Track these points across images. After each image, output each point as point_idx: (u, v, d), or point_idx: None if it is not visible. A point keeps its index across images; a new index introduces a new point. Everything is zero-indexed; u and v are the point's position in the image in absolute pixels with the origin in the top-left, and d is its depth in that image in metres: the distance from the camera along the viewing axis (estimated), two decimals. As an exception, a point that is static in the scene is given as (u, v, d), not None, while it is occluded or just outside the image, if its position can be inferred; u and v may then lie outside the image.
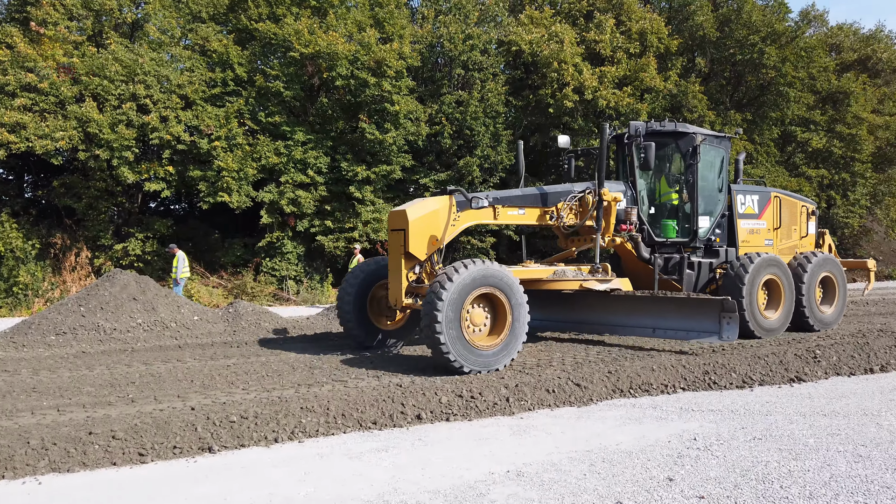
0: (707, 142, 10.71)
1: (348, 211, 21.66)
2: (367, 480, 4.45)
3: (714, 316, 8.74)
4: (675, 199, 10.94)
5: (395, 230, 8.48)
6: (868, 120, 26.50)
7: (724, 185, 11.07)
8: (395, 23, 22.35)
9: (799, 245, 12.03)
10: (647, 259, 10.31)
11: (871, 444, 5.15)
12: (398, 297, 8.53)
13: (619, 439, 5.36)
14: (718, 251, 10.97)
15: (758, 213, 11.42)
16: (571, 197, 9.71)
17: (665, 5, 27.48)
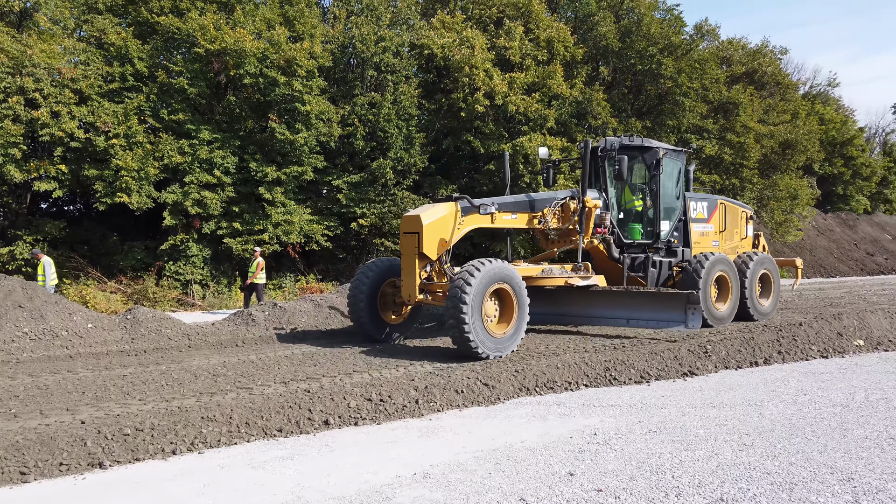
0: (668, 155, 12.14)
1: (258, 213, 21.07)
2: (270, 490, 4.35)
3: (681, 307, 10.04)
4: (639, 205, 12.24)
5: (409, 233, 9.48)
6: (755, 129, 28.41)
7: (681, 193, 12.52)
8: (306, 22, 21.98)
9: (739, 246, 13.65)
10: (617, 258, 11.60)
11: (755, 432, 5.52)
12: (412, 293, 9.52)
13: (524, 437, 5.50)
14: (676, 251, 12.35)
15: (707, 218, 12.99)
16: (555, 203, 10.90)
17: (571, 15, 28.40)
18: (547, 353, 9.05)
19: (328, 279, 22.92)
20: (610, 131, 25.50)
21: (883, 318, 10.87)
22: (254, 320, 12.14)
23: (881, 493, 4.10)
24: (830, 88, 44.70)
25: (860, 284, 25.23)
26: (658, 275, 12.01)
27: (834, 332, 9.91)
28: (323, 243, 21.91)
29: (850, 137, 41.43)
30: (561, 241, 11.40)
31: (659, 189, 11.95)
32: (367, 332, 10.44)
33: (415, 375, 7.50)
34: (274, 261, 22.45)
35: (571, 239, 11.14)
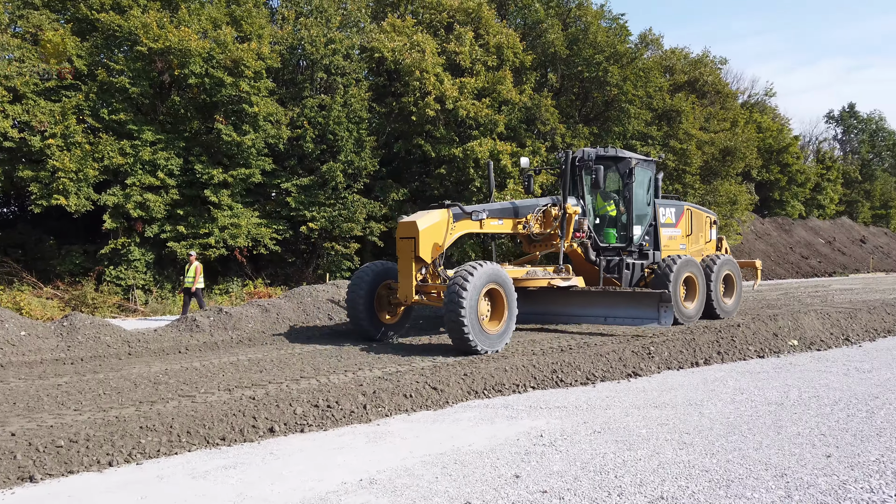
0: (640, 164, 12.90)
1: (203, 216, 20.60)
2: (211, 500, 4.25)
3: (654, 306, 10.82)
4: (612, 211, 12.99)
5: (405, 238, 10.03)
6: (696, 136, 29.30)
7: (651, 200, 13.28)
8: (254, 22, 21.64)
9: (704, 249, 14.53)
10: (594, 261, 12.39)
11: (694, 431, 5.68)
12: (409, 294, 10.13)
13: (472, 440, 5.52)
14: (648, 254, 13.16)
15: (675, 223, 13.83)
16: (537, 210, 11.62)
17: (520, 22, 28.76)
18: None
19: (277, 283, 22.56)
20: (558, 137, 25.90)
21: (815, 319, 11.35)
22: (198, 326, 11.85)
23: (812, 488, 4.27)
24: (767, 98, 46.49)
25: (795, 287, 26.28)
26: (631, 276, 12.77)
27: (770, 332, 10.29)
28: (271, 247, 21.56)
29: (786, 145, 43.13)
30: (543, 244, 12.12)
31: (631, 196, 12.74)
32: (364, 332, 11.00)
33: (363, 380, 7.45)
34: (221, 265, 21.97)
35: (553, 243, 11.87)
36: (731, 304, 13.96)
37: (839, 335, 10.91)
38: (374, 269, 11.15)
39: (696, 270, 12.88)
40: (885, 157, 58.21)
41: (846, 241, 46.94)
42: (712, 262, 13.59)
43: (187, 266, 16.11)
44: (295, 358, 9.46)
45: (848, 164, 53.66)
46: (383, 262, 11.44)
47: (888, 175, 56.51)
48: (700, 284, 12.94)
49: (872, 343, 10.71)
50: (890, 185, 55.64)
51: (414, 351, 10.03)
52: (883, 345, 10.50)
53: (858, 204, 52.99)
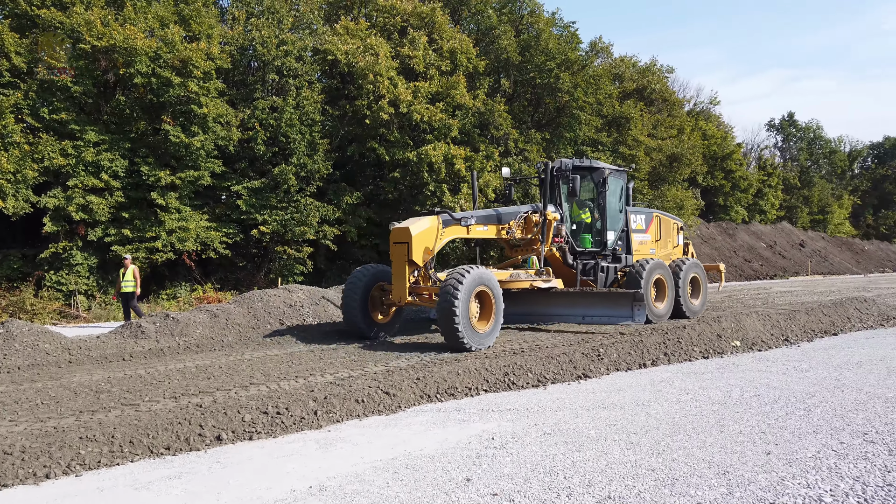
0: (612, 174, 13.70)
1: (150, 219, 20.06)
2: (155, 511, 4.14)
3: (628, 305, 11.67)
4: (587, 218, 13.84)
5: (399, 243, 10.59)
6: (645, 143, 30.09)
7: (623, 207, 14.08)
8: (203, 21, 21.22)
9: (672, 253, 15.37)
10: (571, 265, 13.26)
11: (641, 431, 5.80)
12: (402, 295, 10.73)
13: (424, 444, 5.51)
14: (620, 258, 13.97)
15: (645, 229, 14.67)
16: (519, 216, 12.33)
17: (473, 27, 28.99)
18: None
19: (227, 288, 22.12)
20: (511, 142, 26.17)
21: (757, 320, 11.74)
22: (143, 333, 11.52)
23: (752, 485, 4.41)
24: (712, 106, 48.02)
25: (739, 289, 27.14)
26: (606, 278, 13.55)
27: (714, 334, 10.59)
28: (221, 251, 21.14)
29: (730, 152, 44.61)
30: (524, 249, 12.84)
31: (605, 204, 13.55)
32: (359, 331, 11.50)
33: (314, 386, 7.36)
34: (168, 269, 21.42)
35: (533, 248, 12.60)
36: (697, 304, 14.65)
37: (779, 336, 11.31)
38: (369, 271, 11.65)
39: (666, 273, 13.58)
40: (822, 164, 60.76)
41: (786, 245, 48.74)
42: (680, 265, 14.25)
43: (122, 270, 15.51)
44: (244, 364, 9.29)
45: (788, 171, 55.80)
46: (376, 265, 11.98)
47: (825, 182, 58.99)
48: (669, 286, 13.63)
49: (810, 343, 11.13)
50: (827, 192, 58.08)
51: (369, 356, 9.98)
52: (820, 345, 10.93)
53: (797, 209, 55.13)
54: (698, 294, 14.79)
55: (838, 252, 52.83)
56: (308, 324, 13.02)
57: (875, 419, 5.95)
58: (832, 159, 61.33)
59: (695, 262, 14.74)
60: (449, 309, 9.73)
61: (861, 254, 55.31)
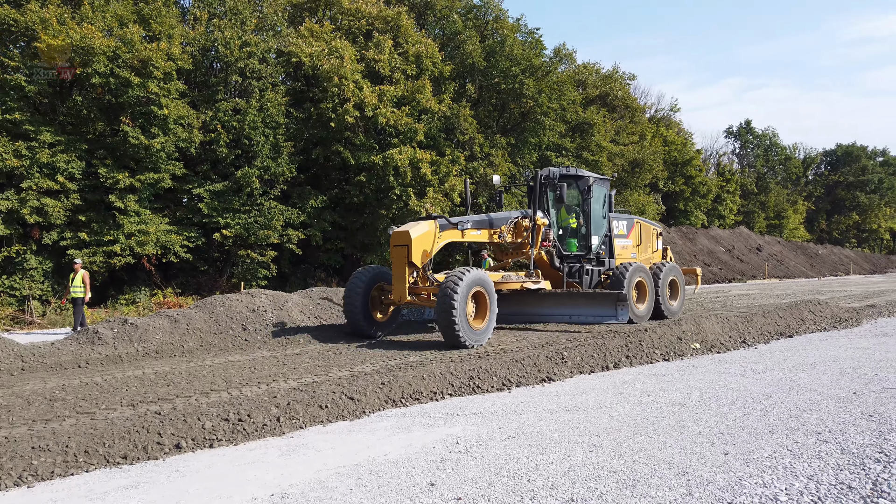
0: (596, 182, 14.36)
1: (108, 222, 19.59)
2: (111, 522, 4.03)
3: (612, 305, 12.33)
4: (573, 223, 14.45)
5: (399, 246, 11.14)
6: (608, 148, 30.56)
7: (606, 214, 14.75)
8: (163, 21, 20.84)
9: (652, 257, 15.99)
10: (558, 267, 13.85)
11: (604, 433, 5.87)
12: (402, 295, 11.25)
13: (388, 450, 5.48)
14: (604, 261, 14.57)
15: (626, 234, 15.28)
16: (510, 221, 12.93)
17: (439, 32, 29.08)
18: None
19: (188, 293, 21.72)
20: (477, 147, 26.29)
21: (716, 323, 11.99)
22: (100, 339, 11.22)
23: (711, 485, 4.49)
24: (672, 113, 49.01)
25: (699, 293, 27.69)
26: (590, 281, 14.20)
27: (675, 336, 10.78)
28: (182, 255, 20.76)
29: (689, 158, 45.56)
30: (514, 252, 13.45)
31: (590, 210, 14.22)
32: (360, 329, 12.05)
33: (277, 392, 7.27)
34: (127, 274, 20.94)
35: (523, 251, 13.22)
36: (676, 305, 15.32)
37: (737, 338, 11.57)
38: (369, 272, 12.25)
39: (646, 276, 14.25)
40: (777, 170, 62.50)
41: (744, 250, 49.93)
42: (659, 268, 14.95)
43: (72, 275, 15.06)
44: (205, 370, 9.12)
45: (745, 177, 57.22)
46: (376, 266, 12.66)
47: (780, 187, 60.67)
48: (649, 288, 14.30)
49: (767, 345, 11.41)
50: (782, 197, 59.74)
51: (333, 360, 9.89)
52: (776, 347, 11.21)
53: (755, 214, 56.57)
54: (676, 296, 15.47)
55: (793, 256, 54.33)
56: (272, 329, 12.85)
57: (828, 419, 6.12)
58: (787, 166, 63.13)
59: (673, 266, 15.46)
60: (448, 308, 10.32)
61: (815, 258, 56.98)
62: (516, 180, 27.64)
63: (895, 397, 6.92)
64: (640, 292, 14.17)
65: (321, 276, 25.00)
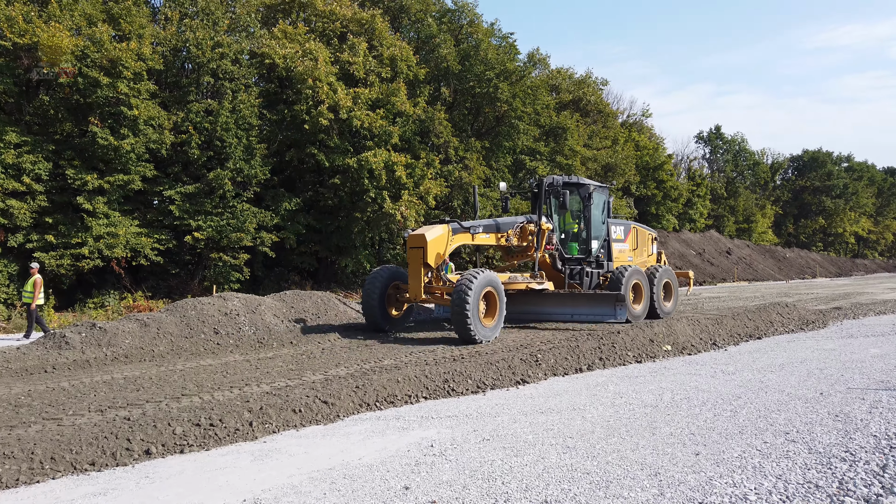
0: (596, 190, 15.10)
1: (75, 224, 19.19)
2: (78, 531, 3.94)
3: (611, 305, 13.01)
4: (575, 228, 15.32)
5: (415, 248, 11.97)
6: (581, 153, 30.84)
7: (605, 219, 15.47)
8: (133, 21, 20.50)
9: (647, 261, 16.70)
10: (560, 269, 14.63)
11: (577, 435, 5.92)
12: (418, 293, 12.09)
13: (362, 453, 5.46)
14: (603, 264, 15.22)
15: (624, 239, 16.02)
16: (516, 226, 13.67)
17: (413, 35, 29.08)
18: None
19: (159, 296, 21.37)
20: (452, 150, 26.34)
21: (687, 325, 12.16)
22: (67, 343, 10.98)
23: (682, 485, 4.55)
24: (644, 118, 49.64)
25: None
26: (590, 282, 14.90)
27: (647, 338, 10.91)
28: (153, 258, 20.42)
29: (661, 163, 46.15)
30: (519, 255, 14.19)
31: (590, 216, 14.93)
32: (377, 324, 12.86)
33: (250, 396, 7.19)
34: (96, 277, 20.54)
35: (528, 254, 13.97)
36: (670, 306, 16.00)
37: (708, 340, 11.75)
38: (385, 272, 13.09)
39: (642, 278, 14.86)
40: (746, 175, 63.64)
41: (714, 253, 50.70)
42: (654, 271, 15.61)
43: (27, 279, 14.64)
44: (176, 375, 8.99)
45: (715, 182, 58.15)
46: (392, 266, 13.51)
47: (749, 192, 61.78)
48: (645, 290, 14.88)
49: (736, 347, 11.61)
50: (751, 202, 60.83)
51: (307, 364, 9.81)
52: (745, 348, 11.41)
53: (724, 218, 57.50)
54: (670, 297, 16.13)
55: (762, 259, 55.31)
56: (244, 333, 12.71)
57: (796, 419, 6.25)
58: (756, 171, 64.31)
59: (667, 269, 16.14)
60: (462, 306, 11.13)
61: (783, 261, 58.08)
62: (491, 183, 27.77)
63: (860, 397, 7.09)
64: (636, 294, 14.75)
65: (295, 279, 24.78)
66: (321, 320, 14.23)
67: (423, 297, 12.23)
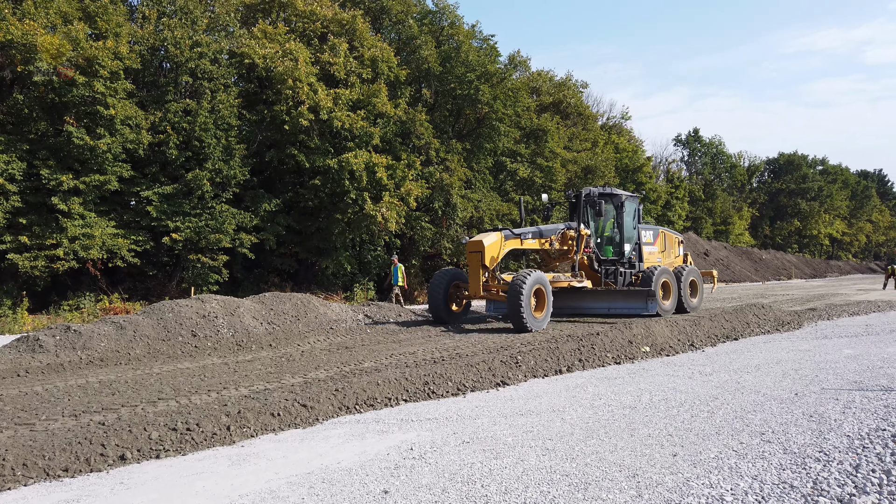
0: (628, 199, 16.81)
1: (50, 225, 18.89)
2: (51, 539, 3.87)
3: (643, 299, 15.02)
4: (609, 233, 16.98)
5: (474, 252, 13.86)
6: (561, 155, 30.99)
7: (636, 225, 17.12)
8: (110, 19, 20.23)
9: (674, 262, 18.22)
10: (597, 270, 16.46)
11: (557, 437, 5.93)
12: (477, 291, 14.07)
13: (341, 457, 5.43)
14: (635, 265, 16.90)
15: (653, 242, 17.64)
16: (558, 232, 15.41)
17: (394, 36, 29.03)
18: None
19: (135, 298, 21.11)
20: (433, 151, 26.35)
21: (665, 326, 12.27)
22: (41, 346, 10.80)
23: (660, 486, 4.59)
24: (623, 121, 50.00)
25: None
26: (623, 281, 16.61)
27: (626, 340, 10.99)
28: (129, 259, 20.17)
29: (640, 165, 46.56)
30: (560, 258, 15.96)
31: (623, 222, 16.64)
32: (440, 317, 14.80)
33: (228, 400, 7.12)
34: (71, 279, 20.23)
35: (568, 256, 15.79)
36: (696, 301, 17.42)
37: (685, 341, 11.87)
38: (447, 274, 15.13)
39: (670, 277, 16.30)
40: (723, 178, 64.42)
41: (693, 255, 51.24)
42: (681, 271, 17.02)
43: None
44: (153, 378, 8.87)
45: (693, 184, 58.79)
46: (453, 268, 15.56)
47: (727, 194, 62.55)
48: (673, 287, 16.29)
49: (714, 348, 11.74)
50: (728, 204, 61.60)
51: (286, 367, 9.73)
52: (722, 349, 11.54)
53: (702, 220, 58.15)
54: (696, 294, 17.54)
55: (739, 261, 56.02)
56: (223, 335, 12.59)
57: (771, 420, 6.33)
58: (733, 173, 65.14)
59: (693, 269, 17.57)
60: (517, 300, 12.90)
61: (759, 262, 58.89)
62: (472, 185, 27.82)
63: (834, 398, 7.20)
64: (665, 291, 16.09)
65: (275, 280, 24.61)
66: (301, 322, 14.14)
67: (482, 293, 14.17)
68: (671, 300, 16.23)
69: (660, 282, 15.78)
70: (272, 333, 13.07)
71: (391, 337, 12.98)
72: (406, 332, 13.77)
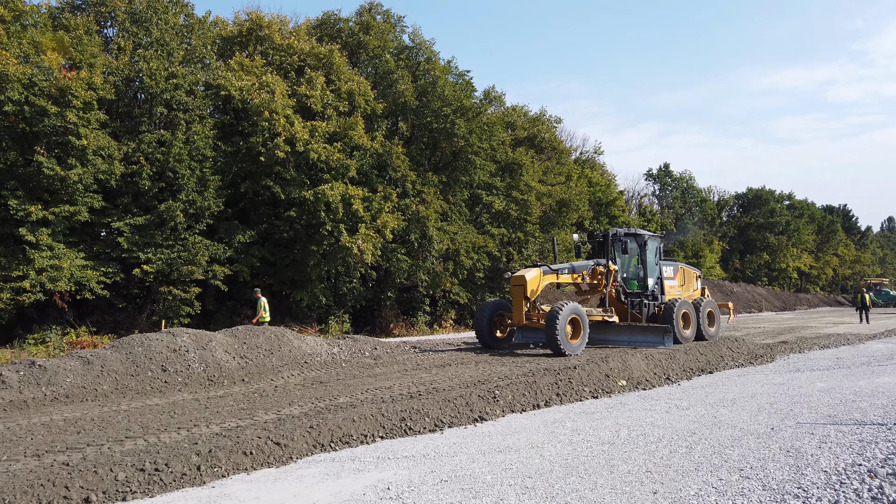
0: (650, 238, 18.59)
1: (17, 257, 18.44)
2: (9, 590, 3.68)
3: (661, 334, 16.23)
4: (634, 269, 18.54)
5: (517, 285, 15.51)
6: (536, 188, 31.26)
7: (658, 261, 18.81)
8: (85, 50, 20.11)
9: (692, 294, 20.01)
10: (623, 302, 18.13)
11: (536, 474, 5.86)
12: (520, 319, 15.75)
13: (316, 497, 5.29)
14: (658, 297, 18.57)
15: (673, 277, 19.41)
16: (588, 268, 17.05)
17: (371, 70, 29.28)
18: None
19: (104, 331, 20.60)
20: (409, 184, 26.44)
21: (641, 360, 12.31)
22: (3, 382, 10.43)
23: (640, 524, 4.54)
24: (596, 155, 50.76)
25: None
26: (647, 312, 18.20)
27: (602, 373, 10.99)
28: (99, 291, 19.73)
29: (613, 199, 47.16)
30: (589, 291, 17.54)
31: (646, 259, 18.32)
32: (486, 343, 16.73)
33: (198, 438, 6.91)
34: (37, 311, 19.69)
35: (598, 290, 17.35)
36: (713, 331, 18.93)
37: (661, 375, 11.91)
38: (492, 304, 17.27)
39: (690, 308, 17.95)
40: (694, 211, 65.54)
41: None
42: (699, 302, 18.73)
43: None
44: (120, 416, 8.61)
45: (665, 218, 59.70)
46: (497, 299, 17.74)
47: (697, 228, 63.58)
48: (693, 318, 17.92)
49: (689, 381, 11.79)
50: (699, 237, 62.57)
51: (259, 402, 9.51)
52: (698, 382, 11.60)
53: (674, 253, 58.91)
54: (713, 324, 19.13)
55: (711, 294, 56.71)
56: (194, 370, 12.30)
57: (749, 455, 6.33)
58: (703, 208, 66.32)
59: (710, 301, 19.37)
60: (553, 327, 14.38)
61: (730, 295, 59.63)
62: (448, 217, 27.92)
63: (809, 432, 7.24)
64: (685, 321, 17.69)
65: (248, 313, 24.23)
66: (275, 356, 13.90)
67: (524, 321, 15.76)
68: (691, 329, 17.77)
69: (680, 313, 17.44)
70: (245, 368, 12.82)
71: (367, 371, 12.81)
72: (381, 366, 13.60)
